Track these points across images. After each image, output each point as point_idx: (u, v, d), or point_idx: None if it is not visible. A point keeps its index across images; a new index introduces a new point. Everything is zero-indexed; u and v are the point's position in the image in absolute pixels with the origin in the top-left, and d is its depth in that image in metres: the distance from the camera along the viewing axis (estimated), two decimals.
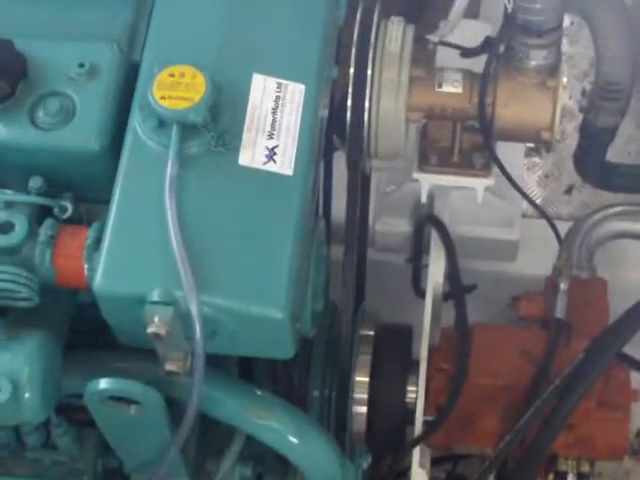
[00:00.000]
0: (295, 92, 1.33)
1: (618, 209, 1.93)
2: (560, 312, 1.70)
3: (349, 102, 1.55)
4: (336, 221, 1.75)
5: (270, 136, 1.30)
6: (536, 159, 2.39)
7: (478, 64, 1.65)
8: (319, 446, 1.43)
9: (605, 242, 1.92)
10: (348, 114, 1.55)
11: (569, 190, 2.35)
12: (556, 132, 1.64)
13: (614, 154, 2.37)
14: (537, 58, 1.60)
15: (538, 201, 2.34)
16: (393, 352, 1.74)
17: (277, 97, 1.32)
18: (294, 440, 1.40)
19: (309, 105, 1.32)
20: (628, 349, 1.92)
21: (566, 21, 2.48)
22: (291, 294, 1.24)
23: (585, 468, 1.73)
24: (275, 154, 1.29)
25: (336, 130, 1.60)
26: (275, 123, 1.31)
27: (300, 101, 1.32)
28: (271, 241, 1.25)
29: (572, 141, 2.04)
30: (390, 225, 1.99)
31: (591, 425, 1.70)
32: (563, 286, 1.71)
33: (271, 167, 1.28)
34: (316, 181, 1.40)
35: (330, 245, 1.81)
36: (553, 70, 1.63)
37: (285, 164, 1.29)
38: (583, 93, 1.91)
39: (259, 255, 1.24)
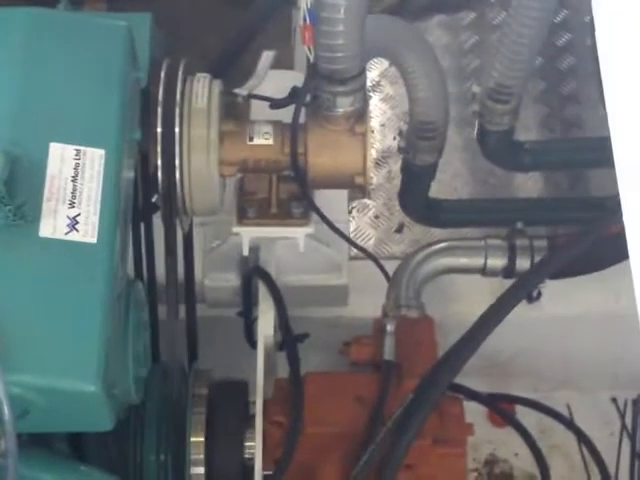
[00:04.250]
0: (95, 158, 1.31)
1: (441, 245, 1.96)
2: (389, 354, 1.71)
3: (159, 162, 1.54)
4: (162, 282, 1.73)
5: (71, 205, 1.28)
6: (366, 201, 2.41)
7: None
8: None
9: (431, 279, 1.94)
10: (159, 174, 1.54)
11: (400, 229, 2.38)
12: (369, 176, 1.66)
13: (440, 191, 2.43)
14: (343, 105, 1.62)
15: (370, 242, 2.36)
16: (228, 409, 1.72)
17: (76, 164, 1.30)
18: None
19: (110, 169, 1.31)
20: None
21: (385, 63, 2.55)
22: (104, 364, 1.22)
23: None
24: (77, 223, 1.27)
25: (156, 191, 1.59)
26: (76, 191, 1.29)
27: (100, 166, 1.31)
28: (78, 312, 1.23)
29: (399, 181, 2.07)
30: (219, 280, 1.98)
31: (429, 463, 1.71)
32: (390, 327, 1.73)
33: (74, 236, 1.26)
34: (126, 245, 1.38)
35: (157, 307, 1.79)
36: (361, 116, 1.65)
37: (88, 232, 1.27)
38: (400, 133, 1.93)
39: (66, 328, 1.22)
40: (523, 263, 1.93)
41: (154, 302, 1.80)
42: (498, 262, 1.94)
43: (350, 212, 2.39)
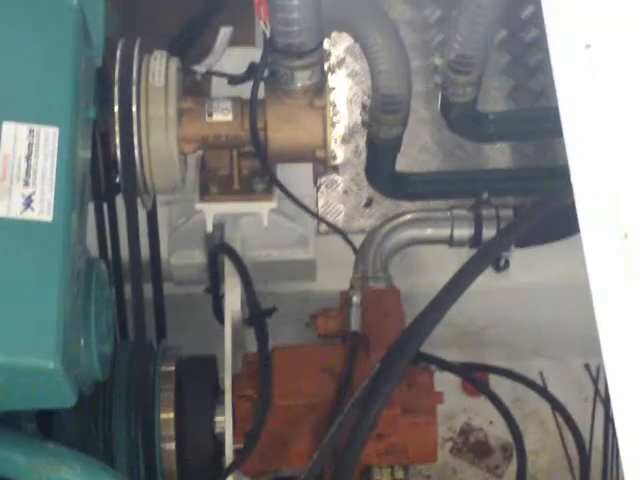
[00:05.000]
0: (48, 136, 1.31)
1: (407, 217, 1.97)
2: (355, 325, 1.72)
3: (117, 140, 1.54)
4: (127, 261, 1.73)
5: (26, 183, 1.28)
6: (334, 176, 2.42)
7: None
8: None
9: (398, 251, 1.95)
10: (118, 152, 1.54)
11: (369, 203, 2.38)
12: (330, 149, 1.66)
13: (408, 165, 2.44)
14: (302, 79, 1.62)
15: (340, 217, 2.37)
16: (196, 384, 1.72)
17: (30, 144, 1.30)
18: None
19: (64, 148, 1.31)
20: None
21: (349, 39, 2.55)
22: (62, 341, 1.22)
23: (399, 475, 1.75)
24: (32, 201, 1.27)
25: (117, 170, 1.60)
26: (30, 170, 1.29)
27: (54, 145, 1.30)
28: (35, 290, 1.23)
29: None
30: (185, 258, 1.98)
31: (400, 432, 1.72)
32: (355, 299, 1.73)
33: (29, 215, 1.26)
34: (84, 223, 1.39)
35: (123, 286, 1.80)
36: (319, 89, 1.65)
37: (44, 211, 1.27)
38: (364, 107, 1.94)
39: (24, 306, 1.22)
40: (489, 233, 1.94)
41: (120, 282, 1.81)
42: (465, 232, 1.95)
43: (318, 188, 2.40)
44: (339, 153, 2.46)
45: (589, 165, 1.03)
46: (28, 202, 1.27)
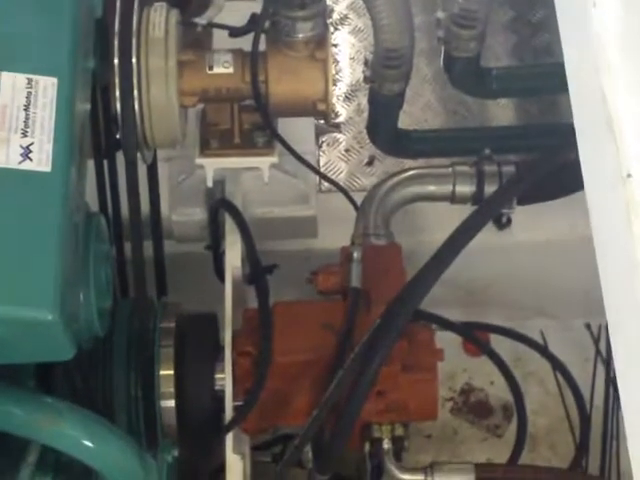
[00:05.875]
0: (47, 87, 1.29)
1: (409, 173, 1.95)
2: (355, 281, 1.71)
3: (117, 93, 1.52)
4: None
5: (24, 134, 1.26)
6: (336, 134, 2.40)
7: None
8: (114, 446, 1.40)
9: (400, 208, 1.93)
10: (117, 105, 1.52)
11: (371, 162, 2.37)
12: (331, 102, 1.64)
13: (411, 123, 2.42)
14: (303, 30, 1.60)
15: (342, 176, 2.35)
16: (197, 341, 1.71)
17: (29, 93, 1.28)
18: (88, 444, 1.37)
19: (63, 98, 1.29)
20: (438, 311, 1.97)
21: None
22: (61, 293, 1.20)
23: (400, 432, 1.74)
24: (31, 152, 1.25)
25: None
26: (28, 120, 1.27)
27: (53, 95, 1.29)
28: (34, 241, 1.21)
29: None
30: (186, 215, 1.97)
31: (400, 389, 1.71)
32: (356, 255, 1.72)
33: (28, 165, 1.24)
34: (83, 176, 1.37)
35: (124, 243, 1.78)
36: (321, 42, 1.63)
37: (42, 161, 1.25)
38: (366, 63, 1.91)
39: (22, 257, 1.20)
40: (492, 189, 1.92)
41: (120, 239, 1.80)
42: (466, 189, 1.92)
43: (320, 146, 2.38)
44: (341, 111, 2.44)
45: (592, 107, 1.01)
46: (26, 152, 1.25)
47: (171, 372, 1.66)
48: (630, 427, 1.01)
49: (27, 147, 1.25)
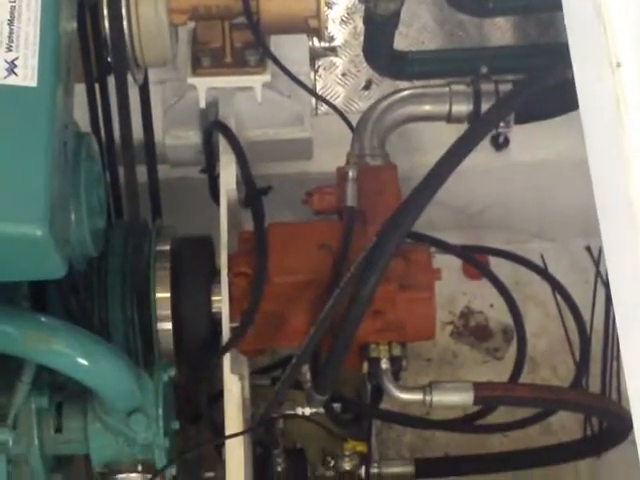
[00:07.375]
0: (31, 1, 1.27)
1: (405, 93, 1.92)
2: (351, 200, 1.69)
3: (105, 11, 1.50)
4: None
5: (9, 49, 1.24)
6: (332, 59, 2.38)
7: None
8: (109, 364, 1.39)
9: (396, 128, 1.91)
10: (106, 23, 1.50)
11: (368, 85, 2.34)
12: (323, 19, 1.62)
13: (408, 46, 2.39)
14: None
15: (339, 99, 2.33)
16: (192, 263, 1.70)
17: (12, 7, 1.26)
18: (83, 362, 1.36)
19: (48, 13, 1.27)
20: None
21: None
22: (50, 209, 1.19)
23: (397, 351, 1.73)
24: (16, 66, 1.23)
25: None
26: (13, 35, 1.25)
27: (37, 9, 1.26)
28: (22, 156, 1.20)
29: None
30: (179, 138, 1.95)
31: (397, 308, 1.70)
32: (351, 174, 1.70)
33: (13, 80, 1.23)
34: (70, 93, 1.35)
35: (117, 166, 1.77)
36: None
37: (28, 76, 1.23)
38: None
39: (10, 173, 1.19)
40: None
41: (114, 163, 1.78)
42: (463, 108, 1.90)
43: (317, 70, 2.36)
44: (337, 35, 2.41)
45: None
46: (11, 67, 1.23)
47: (167, 295, 1.66)
48: (627, 347, 1.00)
49: (12, 62, 1.24)
